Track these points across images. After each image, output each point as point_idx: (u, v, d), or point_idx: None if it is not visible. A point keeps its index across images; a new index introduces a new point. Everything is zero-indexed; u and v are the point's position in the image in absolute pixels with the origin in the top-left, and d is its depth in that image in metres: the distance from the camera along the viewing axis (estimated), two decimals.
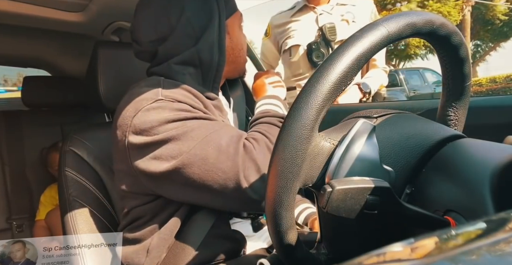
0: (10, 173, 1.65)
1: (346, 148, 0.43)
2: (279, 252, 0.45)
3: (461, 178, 0.41)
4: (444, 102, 0.56)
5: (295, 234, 0.44)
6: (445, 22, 0.46)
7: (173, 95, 0.72)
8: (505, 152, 0.40)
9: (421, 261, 0.19)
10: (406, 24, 0.43)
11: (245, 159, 0.66)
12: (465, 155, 0.44)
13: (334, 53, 0.41)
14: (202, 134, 0.68)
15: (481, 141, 0.45)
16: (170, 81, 0.77)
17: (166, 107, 0.70)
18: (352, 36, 0.42)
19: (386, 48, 2.01)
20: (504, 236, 0.21)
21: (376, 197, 0.39)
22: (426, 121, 0.52)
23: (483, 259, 0.18)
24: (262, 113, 0.79)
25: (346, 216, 0.39)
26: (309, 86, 0.40)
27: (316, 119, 0.40)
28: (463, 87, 0.53)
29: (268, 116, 0.77)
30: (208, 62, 0.80)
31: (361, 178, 0.41)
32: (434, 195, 0.43)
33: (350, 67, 0.40)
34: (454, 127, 0.56)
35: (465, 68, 0.51)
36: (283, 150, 0.40)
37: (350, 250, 0.48)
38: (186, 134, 0.67)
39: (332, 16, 1.63)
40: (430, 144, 0.46)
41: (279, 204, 0.41)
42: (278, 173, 0.40)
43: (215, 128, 0.70)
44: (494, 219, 0.29)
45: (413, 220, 0.41)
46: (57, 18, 1.26)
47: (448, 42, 0.48)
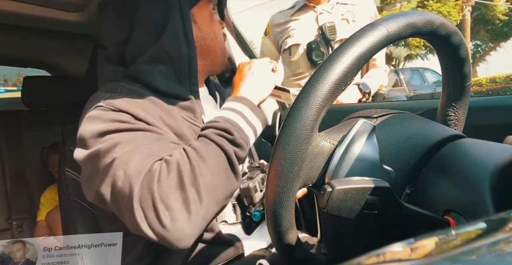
0: (10, 173, 1.65)
1: (346, 148, 0.43)
2: (279, 252, 0.45)
3: (461, 178, 0.41)
4: (444, 102, 0.56)
5: (295, 234, 0.44)
6: (445, 22, 0.46)
7: (117, 102, 0.67)
8: (505, 152, 0.40)
9: (421, 261, 0.19)
10: (406, 24, 0.43)
11: (143, 187, 0.58)
12: (465, 155, 0.44)
13: (334, 53, 0.41)
14: (123, 151, 0.61)
15: (481, 141, 0.45)
16: (130, 87, 0.72)
17: (101, 117, 0.66)
18: (352, 36, 0.42)
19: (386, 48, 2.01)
20: (504, 236, 0.21)
21: (376, 197, 0.39)
22: (426, 121, 0.52)
23: (483, 259, 0.18)
24: (209, 123, 0.68)
25: (346, 216, 0.39)
26: (309, 86, 0.40)
27: (316, 119, 0.40)
28: (463, 87, 0.53)
29: (212, 127, 0.66)
30: (177, 56, 0.74)
31: (361, 178, 0.41)
32: (434, 195, 0.43)
33: (350, 67, 0.40)
34: (454, 127, 0.56)
35: (465, 68, 0.51)
36: (283, 150, 0.40)
37: (350, 250, 0.48)
38: (109, 150, 0.62)
39: (332, 15, 1.63)
40: (430, 144, 0.46)
41: (279, 204, 0.41)
42: (278, 173, 0.40)
43: (141, 143, 0.63)
44: (494, 219, 0.29)
45: (413, 220, 0.41)
46: (57, 18, 1.26)
47: (448, 42, 0.48)
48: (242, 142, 0.66)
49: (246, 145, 0.67)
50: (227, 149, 0.63)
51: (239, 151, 0.65)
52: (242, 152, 0.66)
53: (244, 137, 0.67)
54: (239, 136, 0.66)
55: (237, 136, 0.65)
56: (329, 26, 1.57)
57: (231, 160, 0.63)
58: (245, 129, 0.69)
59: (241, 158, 0.66)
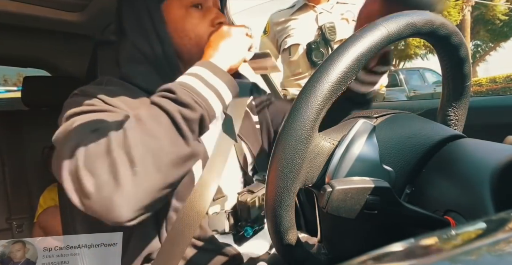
0: (10, 173, 1.65)
1: (346, 148, 0.43)
2: (279, 252, 0.45)
3: (461, 178, 0.41)
4: (444, 102, 0.56)
5: (295, 234, 0.44)
6: (445, 22, 0.46)
7: (90, 89, 0.67)
8: (505, 152, 0.40)
9: (421, 261, 0.19)
10: (406, 24, 0.43)
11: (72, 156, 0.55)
12: (465, 155, 0.44)
13: (334, 53, 0.41)
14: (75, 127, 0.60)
15: (481, 141, 0.45)
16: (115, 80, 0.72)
17: (73, 103, 0.65)
18: (352, 36, 0.42)
19: None
20: (504, 236, 0.21)
21: (376, 197, 0.39)
22: (426, 121, 0.52)
23: (483, 259, 0.18)
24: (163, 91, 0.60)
25: (346, 216, 0.39)
26: (309, 86, 0.40)
27: (316, 119, 0.40)
28: (463, 87, 0.53)
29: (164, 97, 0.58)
30: (152, 55, 0.72)
31: (361, 178, 0.41)
32: (434, 195, 0.43)
33: (350, 67, 0.40)
34: (454, 127, 0.56)
35: (465, 68, 0.51)
36: (283, 150, 0.40)
37: (350, 250, 0.48)
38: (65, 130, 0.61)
39: (332, 14, 1.64)
40: (430, 144, 0.46)
41: (279, 204, 0.41)
42: (278, 173, 0.40)
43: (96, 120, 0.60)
44: (494, 219, 0.29)
45: (413, 220, 0.41)
46: (57, 18, 1.26)
47: (448, 42, 0.48)
48: (190, 101, 0.58)
49: (198, 105, 0.58)
50: (168, 109, 0.57)
51: (186, 111, 0.57)
52: (191, 113, 0.58)
53: (198, 98, 0.59)
54: (185, 95, 0.58)
55: (181, 95, 0.58)
56: (329, 26, 1.57)
57: (175, 121, 0.56)
58: (200, 90, 0.60)
59: (191, 118, 0.58)
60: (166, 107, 0.57)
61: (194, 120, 0.58)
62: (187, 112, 0.57)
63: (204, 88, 0.61)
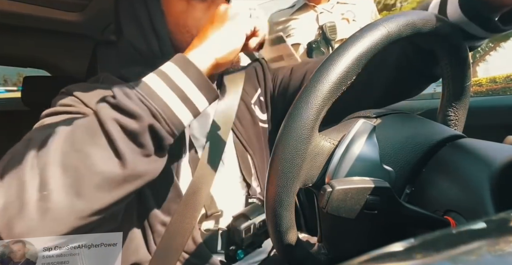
0: None
1: (346, 148, 0.43)
2: (279, 252, 0.45)
3: (461, 178, 0.41)
4: (444, 102, 0.56)
5: (295, 234, 0.44)
6: (445, 22, 0.46)
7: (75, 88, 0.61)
8: (505, 152, 0.40)
9: (421, 261, 0.19)
10: (406, 24, 0.43)
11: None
12: (465, 155, 0.44)
13: (334, 53, 0.41)
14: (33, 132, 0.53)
15: (481, 141, 0.45)
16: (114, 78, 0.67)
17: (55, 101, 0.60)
18: (352, 36, 0.42)
19: None
20: (504, 236, 0.21)
21: (376, 197, 0.39)
22: (426, 121, 0.52)
23: (483, 259, 0.18)
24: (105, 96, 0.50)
25: (346, 216, 0.39)
26: (309, 86, 0.40)
27: (316, 119, 0.40)
28: (463, 87, 0.53)
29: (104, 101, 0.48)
30: (148, 53, 0.65)
31: (361, 178, 0.41)
32: (434, 195, 0.43)
33: (350, 67, 0.40)
34: (454, 127, 0.56)
35: (465, 68, 0.51)
36: (283, 150, 0.40)
37: (350, 250, 0.48)
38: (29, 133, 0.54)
39: (333, 14, 1.64)
40: (430, 144, 0.46)
41: (279, 204, 0.41)
42: (278, 173, 0.40)
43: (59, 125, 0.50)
44: (494, 219, 0.29)
45: (413, 220, 0.41)
46: (57, 18, 1.26)
47: (448, 42, 0.48)
48: (133, 108, 0.46)
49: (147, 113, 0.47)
50: (103, 116, 0.46)
51: (127, 121, 0.46)
52: (134, 123, 0.46)
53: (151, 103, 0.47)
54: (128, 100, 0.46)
55: (122, 99, 0.46)
56: (330, 25, 1.57)
57: (108, 133, 0.45)
58: (161, 93, 0.49)
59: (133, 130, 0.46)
60: (101, 114, 0.46)
61: (138, 132, 0.46)
62: (128, 122, 0.46)
63: (166, 91, 0.49)
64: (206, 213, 0.70)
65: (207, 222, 0.71)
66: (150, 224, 0.66)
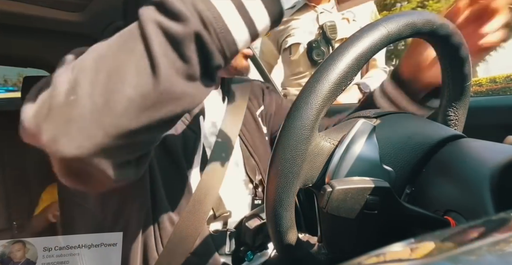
0: (10, 173, 1.65)
1: (346, 148, 0.43)
2: (279, 252, 0.45)
3: (461, 178, 0.41)
4: (444, 102, 0.56)
5: (295, 234, 0.44)
6: (445, 22, 0.46)
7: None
8: (505, 152, 0.40)
9: (421, 261, 0.19)
10: (406, 24, 0.43)
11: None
12: (465, 155, 0.44)
13: (334, 53, 0.41)
14: None
15: (481, 141, 0.45)
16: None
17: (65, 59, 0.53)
18: (352, 36, 0.42)
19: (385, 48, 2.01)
20: (504, 236, 0.21)
21: (376, 197, 0.39)
22: (426, 121, 0.52)
23: (483, 259, 0.18)
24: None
25: (346, 216, 0.39)
26: (309, 86, 0.40)
27: (316, 119, 0.40)
28: (463, 87, 0.53)
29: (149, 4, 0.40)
30: None
31: (361, 178, 0.41)
32: (434, 195, 0.43)
33: (350, 67, 0.40)
34: (454, 127, 0.56)
35: (465, 68, 0.51)
36: (284, 150, 0.40)
37: (350, 250, 0.48)
38: None
39: (333, 14, 1.64)
40: (430, 144, 0.46)
41: (279, 204, 0.41)
42: (278, 173, 0.40)
43: None
44: (494, 219, 0.29)
45: (413, 220, 0.41)
46: (57, 18, 1.26)
47: (448, 42, 0.48)
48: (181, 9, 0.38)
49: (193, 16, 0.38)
50: (143, 16, 0.39)
51: (169, 22, 0.38)
52: (177, 25, 0.37)
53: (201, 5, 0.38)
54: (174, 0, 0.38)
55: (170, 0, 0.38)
56: (330, 25, 1.57)
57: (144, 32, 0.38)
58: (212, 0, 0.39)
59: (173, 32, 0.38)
60: (143, 16, 0.39)
61: (181, 37, 0.38)
62: (171, 25, 0.38)
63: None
64: (214, 214, 0.70)
65: (215, 223, 0.71)
66: (159, 222, 0.67)
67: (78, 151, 0.38)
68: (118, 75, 0.38)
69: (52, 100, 0.39)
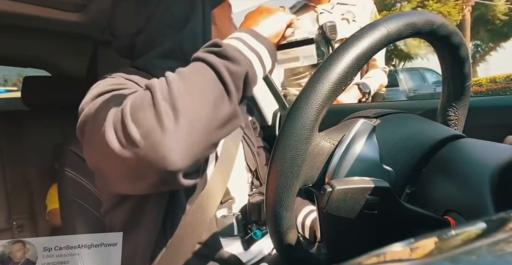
0: (10, 173, 1.65)
1: (346, 148, 0.43)
2: (279, 252, 0.45)
3: (461, 178, 0.41)
4: (444, 102, 0.56)
5: (295, 234, 0.44)
6: (445, 22, 0.46)
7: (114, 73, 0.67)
8: (505, 152, 0.40)
9: (421, 261, 0.19)
10: (406, 24, 0.43)
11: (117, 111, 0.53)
12: (465, 155, 0.44)
13: (334, 53, 0.41)
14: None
15: (481, 141, 0.45)
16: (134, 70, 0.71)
17: (98, 85, 0.64)
18: (352, 36, 0.42)
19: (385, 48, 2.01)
20: (504, 236, 0.21)
21: (376, 197, 0.39)
22: (426, 121, 0.52)
23: (483, 259, 0.18)
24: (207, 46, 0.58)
25: (346, 216, 0.39)
26: (309, 86, 0.40)
27: (316, 119, 0.40)
28: (463, 87, 0.53)
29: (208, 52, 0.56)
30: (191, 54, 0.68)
31: (361, 178, 0.41)
32: (434, 195, 0.43)
33: (350, 67, 0.40)
34: (454, 127, 0.56)
35: (465, 68, 0.51)
36: (284, 150, 0.40)
37: (350, 250, 0.48)
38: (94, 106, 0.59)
39: (333, 15, 1.64)
40: (430, 144, 0.46)
41: (279, 204, 0.41)
42: (278, 173, 0.40)
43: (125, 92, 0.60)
44: (494, 219, 0.29)
45: (413, 220, 0.41)
46: (57, 18, 1.26)
47: (448, 42, 0.48)
48: (236, 55, 0.55)
49: (243, 61, 0.55)
50: (213, 62, 0.53)
51: (232, 65, 0.54)
52: (237, 67, 0.54)
53: (241, 55, 0.56)
54: (230, 49, 0.55)
55: (227, 49, 0.55)
56: (330, 25, 1.57)
57: (220, 75, 0.53)
58: (243, 51, 0.59)
59: (236, 73, 0.54)
60: (211, 60, 0.54)
61: (240, 75, 0.54)
62: (233, 66, 0.54)
63: (246, 50, 0.59)
64: (220, 201, 0.74)
65: (221, 210, 0.75)
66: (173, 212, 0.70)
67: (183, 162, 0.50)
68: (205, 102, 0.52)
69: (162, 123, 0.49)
